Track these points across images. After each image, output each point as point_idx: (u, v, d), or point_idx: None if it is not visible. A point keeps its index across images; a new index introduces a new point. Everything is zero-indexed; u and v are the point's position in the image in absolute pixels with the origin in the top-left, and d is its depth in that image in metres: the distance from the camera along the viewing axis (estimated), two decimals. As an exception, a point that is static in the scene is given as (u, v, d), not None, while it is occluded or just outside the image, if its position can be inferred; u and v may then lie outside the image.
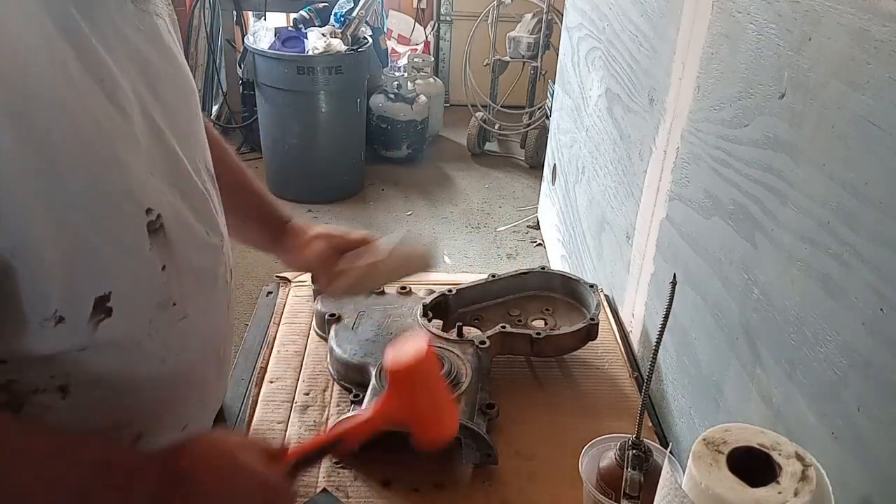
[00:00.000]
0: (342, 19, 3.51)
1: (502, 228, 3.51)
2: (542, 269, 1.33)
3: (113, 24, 0.65)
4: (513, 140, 4.38)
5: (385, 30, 4.45)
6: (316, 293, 1.25)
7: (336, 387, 1.13)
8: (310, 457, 0.76)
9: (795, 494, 0.59)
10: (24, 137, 0.53)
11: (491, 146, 4.39)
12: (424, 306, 1.18)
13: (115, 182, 0.61)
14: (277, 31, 3.50)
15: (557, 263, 2.27)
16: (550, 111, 2.71)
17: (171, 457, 0.66)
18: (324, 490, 0.95)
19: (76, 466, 0.61)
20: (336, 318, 1.17)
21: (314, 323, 1.26)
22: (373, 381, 1.00)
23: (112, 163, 0.61)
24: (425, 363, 0.76)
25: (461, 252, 3.31)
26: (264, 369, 1.17)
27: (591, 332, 1.18)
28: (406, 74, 3.89)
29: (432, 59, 4.45)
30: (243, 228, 1.02)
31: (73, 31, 0.59)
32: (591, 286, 1.27)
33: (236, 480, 0.68)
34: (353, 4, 3.53)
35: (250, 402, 1.10)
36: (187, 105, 0.77)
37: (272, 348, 1.22)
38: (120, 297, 0.63)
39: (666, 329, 0.78)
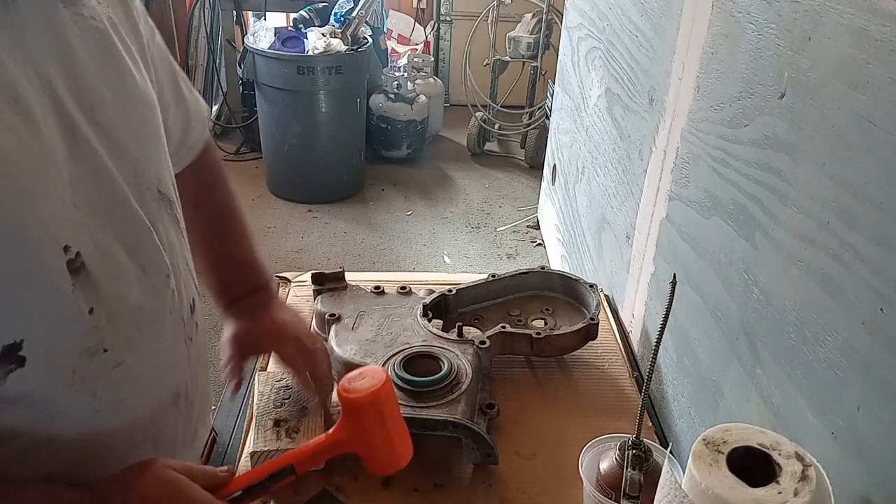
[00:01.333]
0: (342, 19, 3.51)
1: (502, 228, 3.51)
2: (542, 269, 1.33)
3: (37, 34, 0.59)
4: (513, 140, 4.38)
5: (385, 30, 4.46)
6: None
7: (336, 387, 1.13)
8: (256, 486, 0.73)
9: (795, 494, 0.59)
10: None
11: (491, 146, 4.39)
12: (424, 306, 1.18)
13: (25, 216, 0.55)
14: (277, 31, 3.50)
15: (557, 263, 2.27)
16: (550, 111, 2.71)
17: (103, 498, 0.62)
18: (324, 490, 0.95)
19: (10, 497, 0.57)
20: (336, 318, 1.17)
21: (314, 323, 1.26)
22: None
23: (21, 195, 0.55)
24: (380, 396, 0.75)
25: (461, 252, 3.32)
26: (264, 369, 1.17)
27: (591, 332, 1.18)
28: (406, 74, 3.89)
29: (432, 59, 4.45)
30: (206, 275, 0.96)
31: None
32: (591, 286, 1.27)
33: None
34: (352, 4, 3.53)
35: (250, 402, 1.10)
36: (139, 124, 0.70)
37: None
38: (35, 345, 0.57)
39: (666, 329, 0.78)
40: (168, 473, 0.66)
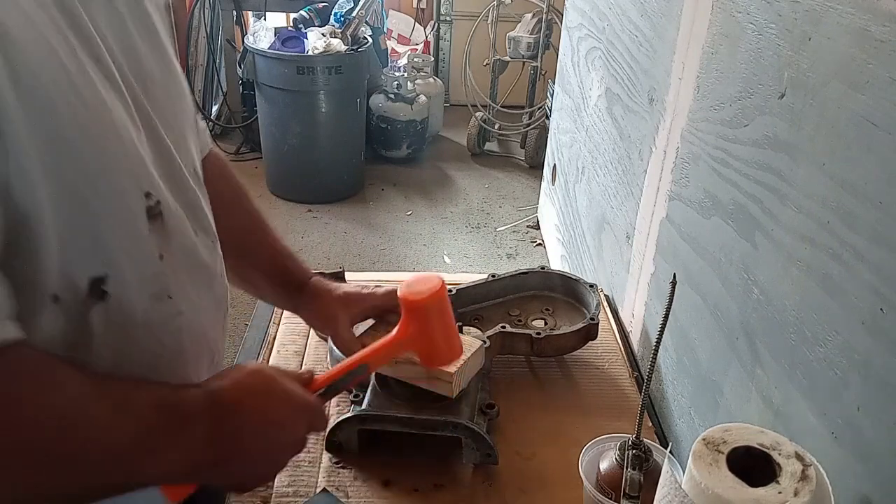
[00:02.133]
0: (342, 19, 3.51)
1: (502, 228, 3.51)
2: (542, 269, 1.33)
3: (104, 10, 0.64)
4: (513, 140, 4.38)
5: (385, 30, 4.46)
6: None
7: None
8: (338, 382, 0.81)
9: (795, 494, 0.59)
10: (28, 104, 0.52)
11: (491, 146, 4.39)
12: (424, 306, 1.18)
13: (118, 157, 0.60)
14: (277, 31, 3.50)
15: (557, 263, 2.27)
16: (550, 111, 2.71)
17: (217, 392, 0.67)
18: (324, 490, 0.95)
19: (138, 410, 0.61)
20: (336, 318, 1.17)
21: (314, 323, 1.26)
22: (373, 380, 1.00)
23: (115, 137, 0.60)
24: (441, 296, 0.84)
25: (461, 252, 3.32)
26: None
27: (591, 332, 1.18)
28: (406, 74, 3.89)
29: (432, 59, 4.45)
30: (256, 282, 0.99)
31: (68, 8, 0.58)
32: (591, 286, 1.27)
33: (280, 407, 0.71)
34: (352, 4, 3.53)
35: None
36: (180, 106, 0.75)
37: (272, 348, 1.22)
38: (116, 281, 0.61)
39: (666, 329, 0.78)
40: (268, 370, 0.73)
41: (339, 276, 1.26)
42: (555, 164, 2.40)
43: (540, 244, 3.19)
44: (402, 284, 0.85)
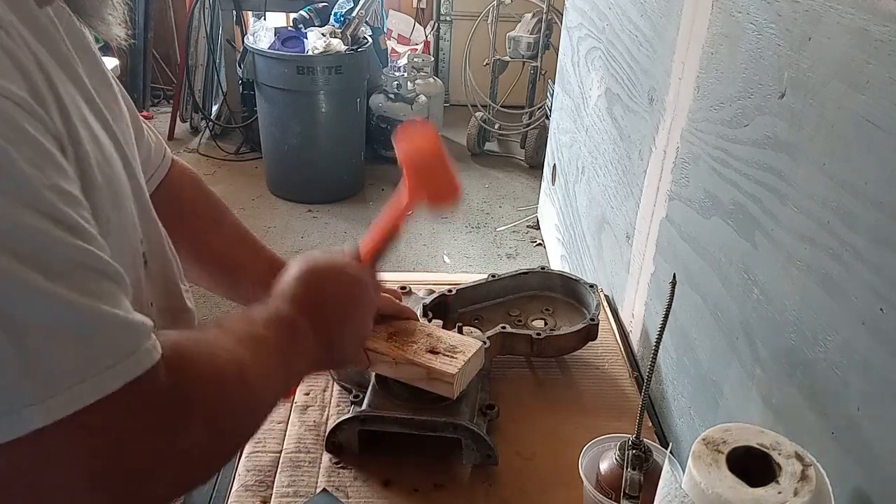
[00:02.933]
0: (342, 19, 3.51)
1: (502, 228, 3.51)
2: (542, 269, 1.33)
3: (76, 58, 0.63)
4: (513, 140, 4.38)
5: (385, 30, 4.46)
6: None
7: (336, 387, 1.13)
8: (381, 251, 0.87)
9: (795, 494, 0.59)
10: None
11: (491, 146, 4.39)
12: (424, 306, 1.18)
13: (126, 211, 0.61)
14: (277, 30, 3.50)
15: (557, 263, 2.27)
16: (550, 111, 2.71)
17: (298, 295, 0.72)
18: (324, 490, 0.95)
19: (270, 346, 0.64)
20: (336, 318, 1.17)
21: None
22: (373, 381, 1.00)
23: (124, 187, 0.61)
24: (433, 142, 0.86)
25: (461, 252, 3.31)
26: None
27: (591, 332, 1.18)
28: (406, 74, 3.89)
29: (432, 58, 4.45)
30: (256, 296, 0.98)
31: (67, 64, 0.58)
32: (591, 286, 1.27)
33: (350, 287, 0.78)
34: (352, 4, 3.53)
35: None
36: (132, 141, 0.73)
37: (272, 348, 1.22)
38: None
39: (666, 329, 0.78)
40: (325, 261, 0.78)
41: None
42: (555, 164, 2.40)
43: (540, 244, 3.18)
44: (398, 146, 0.86)
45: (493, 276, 1.29)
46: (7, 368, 0.43)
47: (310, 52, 3.32)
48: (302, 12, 3.58)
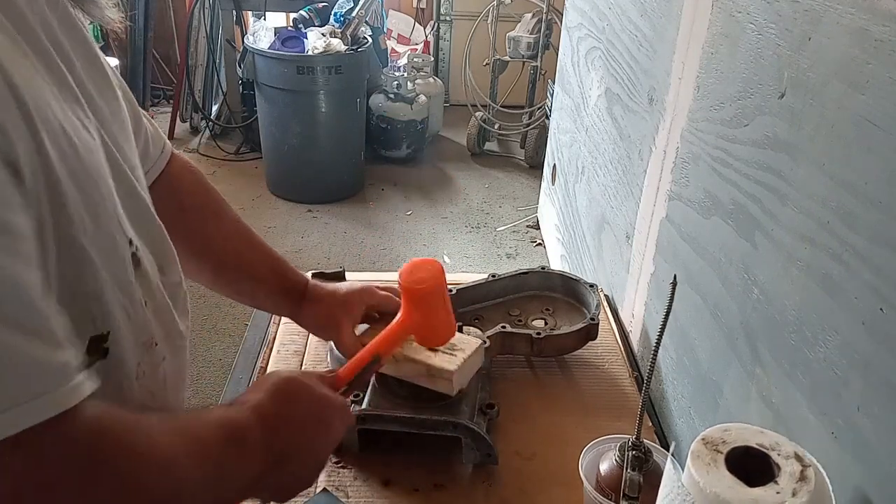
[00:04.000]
0: (342, 19, 3.51)
1: (502, 228, 3.51)
2: (542, 269, 1.33)
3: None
4: (513, 140, 4.38)
5: (385, 29, 4.46)
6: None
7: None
8: (358, 377, 0.84)
9: (794, 494, 0.59)
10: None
11: (491, 146, 4.39)
12: (424, 306, 1.18)
13: (106, 206, 0.58)
14: (277, 30, 3.49)
15: (557, 263, 2.27)
16: (550, 111, 2.71)
17: (260, 405, 0.67)
18: (324, 490, 0.95)
19: (211, 446, 0.60)
20: (336, 318, 1.17)
21: (314, 323, 1.26)
22: (373, 380, 1.00)
23: (103, 182, 0.57)
24: (441, 284, 0.88)
25: (461, 252, 3.31)
26: (264, 369, 1.17)
27: (591, 332, 1.18)
28: (406, 74, 3.89)
29: (432, 58, 4.45)
30: (254, 293, 0.98)
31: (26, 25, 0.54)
32: (591, 286, 1.27)
33: (318, 410, 0.73)
34: (352, 4, 3.53)
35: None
36: (128, 136, 0.70)
37: (272, 348, 1.22)
38: (115, 338, 0.59)
39: (666, 329, 0.78)
40: (299, 377, 0.74)
41: (340, 276, 1.26)
42: (555, 164, 2.40)
43: (540, 244, 3.18)
44: (402, 271, 0.87)
45: (493, 276, 1.29)
46: None
47: (310, 52, 3.32)
48: (302, 12, 3.58)
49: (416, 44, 4.76)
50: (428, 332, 0.91)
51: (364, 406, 0.98)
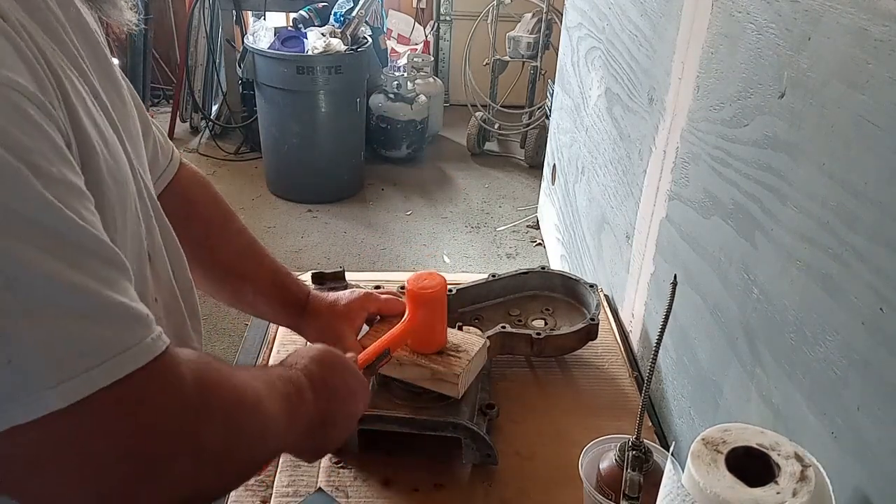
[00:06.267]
0: (342, 19, 3.51)
1: (502, 228, 3.51)
2: (542, 269, 1.33)
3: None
4: (512, 140, 4.38)
5: (385, 29, 4.45)
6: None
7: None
8: (371, 365, 0.89)
9: (794, 495, 0.59)
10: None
11: (491, 146, 4.39)
12: (424, 306, 1.18)
13: (133, 207, 0.61)
14: (277, 30, 3.49)
15: (557, 263, 2.27)
16: (550, 111, 2.71)
17: (309, 368, 0.73)
18: (319, 489, 0.95)
19: (280, 388, 0.65)
20: (336, 318, 1.17)
21: (314, 323, 1.26)
22: (373, 381, 1.00)
23: (131, 187, 0.61)
24: (443, 291, 0.95)
25: (461, 252, 3.31)
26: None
27: (591, 332, 1.18)
28: (406, 74, 3.88)
29: (432, 58, 4.45)
30: (256, 303, 0.98)
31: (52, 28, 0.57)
32: (591, 286, 1.27)
33: (352, 379, 0.79)
34: (352, 4, 3.53)
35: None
36: (139, 143, 0.73)
37: (272, 348, 1.22)
38: None
39: (666, 329, 0.78)
40: (334, 350, 0.80)
41: (340, 276, 1.26)
42: (554, 164, 2.40)
43: (540, 244, 3.18)
44: (410, 279, 0.94)
45: (493, 275, 1.29)
46: (24, 351, 0.44)
47: (310, 52, 3.32)
48: (302, 12, 3.58)
49: (416, 44, 4.76)
50: (426, 335, 0.96)
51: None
